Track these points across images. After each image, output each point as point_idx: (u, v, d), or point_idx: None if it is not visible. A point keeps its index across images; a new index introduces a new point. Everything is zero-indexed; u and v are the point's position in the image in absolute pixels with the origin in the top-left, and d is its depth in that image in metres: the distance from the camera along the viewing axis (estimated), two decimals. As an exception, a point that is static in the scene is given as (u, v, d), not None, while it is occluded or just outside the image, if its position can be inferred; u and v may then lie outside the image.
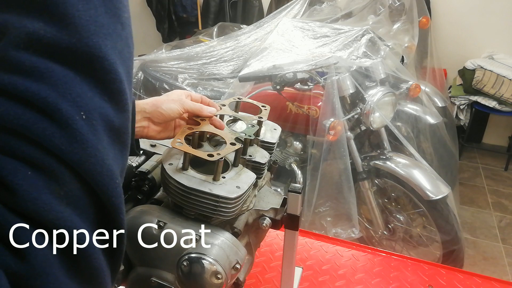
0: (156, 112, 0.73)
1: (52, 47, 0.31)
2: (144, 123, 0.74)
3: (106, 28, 0.34)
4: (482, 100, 3.25)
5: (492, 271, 2.37)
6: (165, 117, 0.74)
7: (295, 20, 2.33)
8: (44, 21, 0.31)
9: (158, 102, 0.74)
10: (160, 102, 0.74)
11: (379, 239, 2.09)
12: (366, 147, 2.17)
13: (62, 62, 0.31)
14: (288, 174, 2.11)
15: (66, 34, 0.31)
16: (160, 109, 0.73)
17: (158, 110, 0.73)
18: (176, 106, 0.74)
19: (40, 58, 0.31)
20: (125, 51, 0.38)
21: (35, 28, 0.31)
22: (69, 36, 0.32)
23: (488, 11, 3.39)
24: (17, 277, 0.29)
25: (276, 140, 0.86)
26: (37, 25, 0.31)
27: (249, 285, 1.00)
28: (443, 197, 1.82)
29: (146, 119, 0.74)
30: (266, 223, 0.75)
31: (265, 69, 1.92)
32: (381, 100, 1.91)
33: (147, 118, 0.74)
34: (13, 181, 0.29)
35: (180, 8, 4.22)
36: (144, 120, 0.74)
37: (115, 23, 0.36)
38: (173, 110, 0.73)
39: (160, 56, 2.61)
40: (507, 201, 3.03)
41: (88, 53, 0.32)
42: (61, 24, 0.31)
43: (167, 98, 0.75)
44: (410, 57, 2.45)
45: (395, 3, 2.61)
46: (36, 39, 0.31)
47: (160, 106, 0.73)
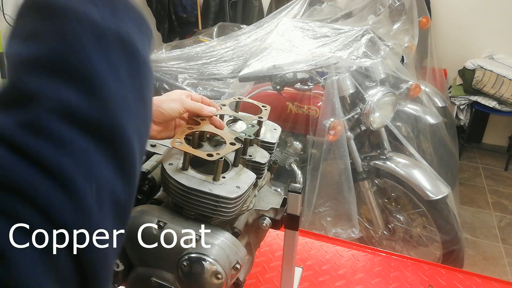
0: (157, 111, 0.73)
1: (80, 118, 0.32)
2: None
3: (131, 106, 0.36)
4: (482, 100, 3.25)
5: (492, 271, 2.37)
6: (166, 117, 0.74)
7: (295, 20, 2.33)
8: (76, 92, 0.32)
9: (158, 101, 0.74)
10: (160, 101, 0.74)
11: (379, 239, 2.09)
12: (366, 147, 2.17)
13: (86, 132, 0.33)
14: (288, 174, 2.11)
15: (95, 107, 0.33)
16: (161, 108, 0.72)
17: (159, 110, 0.73)
18: (176, 105, 0.73)
19: (67, 127, 0.32)
20: (143, 130, 0.40)
21: (67, 98, 0.32)
22: (97, 110, 0.33)
23: (488, 11, 3.39)
24: None
25: (276, 140, 0.85)
26: (69, 95, 0.32)
27: (249, 285, 1.00)
28: (443, 197, 1.82)
29: None
30: (266, 223, 0.75)
31: (265, 69, 1.92)
32: (381, 100, 1.91)
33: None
34: (8, 250, 0.28)
35: (180, 8, 4.22)
36: None
37: (139, 102, 0.38)
38: (173, 109, 0.73)
39: (160, 56, 2.61)
40: (507, 201, 3.03)
41: (111, 127, 0.34)
42: (92, 97, 0.33)
43: (167, 98, 0.75)
44: (410, 57, 2.45)
45: (395, 3, 2.61)
46: (66, 108, 0.32)
47: (160, 106, 0.73)
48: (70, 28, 0.34)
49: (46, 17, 0.35)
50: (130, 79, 0.36)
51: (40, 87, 0.32)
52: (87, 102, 0.33)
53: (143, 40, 0.39)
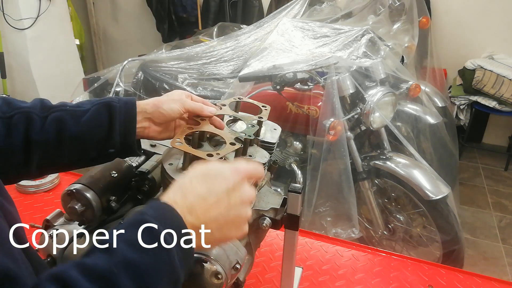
0: (157, 112, 0.73)
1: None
2: (145, 124, 0.74)
3: None
4: (482, 100, 3.25)
5: (492, 271, 2.37)
6: (166, 118, 0.74)
7: (295, 20, 2.33)
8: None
9: (159, 102, 0.74)
10: (161, 102, 0.74)
11: (379, 239, 2.09)
12: (366, 147, 2.17)
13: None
14: (288, 174, 2.11)
15: None
16: (161, 109, 0.73)
17: (159, 111, 0.73)
18: (177, 106, 0.74)
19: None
20: None
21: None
22: None
23: (488, 11, 3.39)
24: None
25: (276, 140, 0.85)
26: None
27: (249, 285, 1.00)
28: (443, 197, 1.82)
29: (147, 119, 0.74)
30: (266, 223, 0.75)
31: (265, 69, 1.91)
32: (381, 100, 1.91)
33: (148, 118, 0.74)
34: None
35: (180, 8, 4.22)
36: (145, 120, 0.74)
37: None
38: (173, 110, 0.73)
39: (160, 56, 2.61)
40: (507, 201, 3.03)
41: None
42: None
43: (167, 98, 0.75)
44: (410, 57, 2.46)
45: (395, 3, 2.61)
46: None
47: (161, 107, 0.73)
48: None
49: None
50: None
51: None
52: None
53: None
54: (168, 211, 0.51)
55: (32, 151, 0.66)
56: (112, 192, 0.75)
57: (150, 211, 0.51)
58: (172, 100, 0.75)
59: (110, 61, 4.90)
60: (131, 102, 0.73)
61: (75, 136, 0.69)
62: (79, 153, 0.71)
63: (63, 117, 0.69)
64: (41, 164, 0.68)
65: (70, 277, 0.42)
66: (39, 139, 0.67)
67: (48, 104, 0.71)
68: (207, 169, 0.57)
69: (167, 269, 0.48)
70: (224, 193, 0.54)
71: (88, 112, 0.71)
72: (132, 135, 0.72)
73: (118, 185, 0.77)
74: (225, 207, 0.54)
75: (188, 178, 0.56)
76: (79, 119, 0.70)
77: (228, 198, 0.54)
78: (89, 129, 0.70)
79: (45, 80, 3.45)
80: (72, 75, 3.53)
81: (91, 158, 0.72)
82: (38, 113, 0.68)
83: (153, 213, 0.50)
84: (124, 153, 0.75)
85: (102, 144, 0.71)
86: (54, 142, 0.68)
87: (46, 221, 0.77)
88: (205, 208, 0.53)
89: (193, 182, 0.55)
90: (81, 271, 0.43)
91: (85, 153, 0.71)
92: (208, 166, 0.57)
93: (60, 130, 0.68)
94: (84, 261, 0.45)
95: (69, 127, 0.69)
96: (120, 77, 2.44)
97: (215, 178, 0.55)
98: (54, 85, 3.47)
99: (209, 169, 0.57)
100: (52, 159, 0.70)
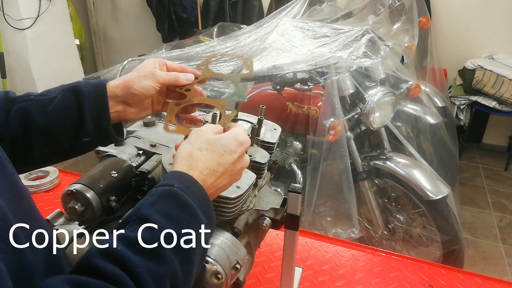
0: (129, 94, 0.68)
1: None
2: (119, 108, 0.69)
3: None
4: (482, 100, 3.25)
5: (492, 271, 2.37)
6: (140, 98, 0.69)
7: (295, 20, 2.33)
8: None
9: (129, 82, 0.68)
10: (131, 82, 0.68)
11: (379, 239, 2.09)
12: (366, 147, 2.17)
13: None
14: (288, 174, 2.11)
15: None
16: (132, 89, 0.68)
17: (131, 91, 0.68)
18: (149, 82, 0.68)
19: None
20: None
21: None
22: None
23: (488, 11, 3.39)
24: None
25: (276, 140, 0.85)
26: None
27: (249, 285, 1.00)
28: (443, 197, 1.82)
29: (120, 103, 0.69)
30: (266, 223, 0.75)
31: (265, 69, 1.91)
32: (381, 100, 1.91)
33: (120, 102, 0.69)
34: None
35: (180, 8, 4.22)
36: (118, 104, 0.69)
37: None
38: (146, 88, 0.68)
39: (160, 56, 2.61)
40: (507, 201, 3.03)
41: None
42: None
43: (138, 75, 0.69)
44: (410, 57, 2.45)
45: (395, 3, 2.61)
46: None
47: (131, 87, 0.68)
48: None
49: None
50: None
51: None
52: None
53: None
54: (193, 184, 0.56)
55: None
56: (112, 192, 0.75)
57: (177, 182, 0.54)
58: (143, 76, 0.69)
59: (110, 61, 4.90)
60: (100, 84, 0.68)
61: (43, 127, 0.64)
62: (50, 146, 0.66)
63: (28, 108, 0.65)
64: (12, 161, 0.60)
65: (119, 252, 0.46)
66: (5, 135, 0.63)
67: (12, 96, 0.67)
68: (214, 140, 0.60)
69: (199, 242, 0.53)
70: (230, 164, 0.60)
71: (55, 100, 0.66)
72: (106, 121, 0.67)
73: (118, 185, 0.77)
74: (230, 175, 0.61)
75: (197, 148, 0.59)
76: (45, 109, 0.65)
77: (233, 168, 0.60)
78: (57, 118, 0.65)
79: (45, 80, 3.45)
80: (72, 75, 3.53)
81: (65, 149, 0.68)
82: (3, 107, 0.64)
83: (181, 186, 0.54)
84: (102, 141, 0.71)
85: (74, 133, 0.66)
86: (21, 137, 0.64)
87: (46, 221, 0.77)
88: (215, 179, 0.58)
89: (203, 153, 0.58)
90: (127, 244, 0.47)
91: (58, 145, 0.67)
92: (214, 137, 0.60)
93: (26, 123, 0.64)
94: (127, 234, 0.48)
95: (34, 118, 0.64)
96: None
97: (223, 151, 0.59)
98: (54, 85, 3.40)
99: (216, 140, 0.60)
100: (23, 155, 0.65)
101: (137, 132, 0.89)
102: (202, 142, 0.59)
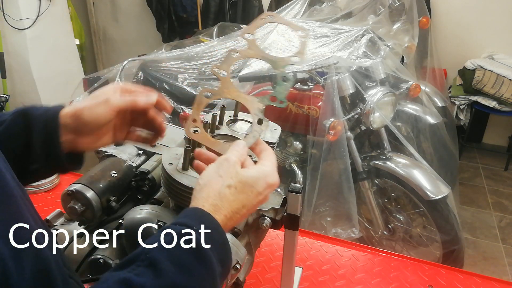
0: (80, 123, 0.63)
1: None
2: (70, 137, 0.63)
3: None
4: (482, 100, 3.25)
5: (492, 271, 2.37)
6: (93, 126, 0.64)
7: (295, 20, 2.33)
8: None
9: (80, 111, 0.63)
10: (82, 110, 0.63)
11: (379, 239, 2.09)
12: (366, 147, 2.17)
13: None
14: (288, 174, 2.11)
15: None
16: (83, 118, 0.63)
17: (82, 120, 0.63)
18: (102, 110, 0.63)
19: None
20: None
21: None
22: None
23: (488, 11, 3.39)
24: None
25: (276, 140, 0.85)
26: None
27: (249, 285, 1.00)
28: (443, 197, 1.82)
29: (71, 132, 0.63)
30: (266, 223, 0.75)
31: (265, 69, 1.91)
32: (381, 100, 1.91)
33: (71, 131, 0.63)
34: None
35: (180, 8, 4.22)
36: (69, 133, 0.63)
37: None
38: (99, 116, 0.63)
39: (160, 56, 2.61)
40: (507, 201, 3.03)
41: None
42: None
43: (90, 103, 0.64)
44: (410, 57, 2.45)
45: (395, 3, 2.61)
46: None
47: (82, 116, 0.63)
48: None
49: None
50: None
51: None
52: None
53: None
54: (216, 229, 0.53)
55: None
56: (112, 192, 0.75)
57: (199, 225, 0.51)
58: (96, 104, 0.64)
59: (110, 61, 4.90)
60: (53, 110, 0.63)
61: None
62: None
63: None
64: None
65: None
66: None
67: None
68: (244, 179, 0.57)
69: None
70: (253, 205, 0.58)
71: (5, 123, 0.61)
72: (56, 148, 0.62)
73: (118, 185, 0.77)
74: (247, 213, 0.59)
75: (227, 185, 0.56)
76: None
77: (253, 207, 0.59)
78: (4, 142, 0.59)
79: (45, 80, 3.45)
80: (72, 75, 3.52)
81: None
82: None
83: (202, 231, 0.51)
84: (54, 169, 0.66)
85: (21, 159, 0.60)
86: None
87: (46, 221, 0.77)
88: (235, 220, 0.57)
89: (231, 192, 0.56)
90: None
91: None
92: (245, 175, 0.57)
93: None
94: (130, 278, 0.45)
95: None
96: (120, 77, 2.44)
97: (250, 193, 0.57)
98: (54, 85, 3.46)
99: (246, 179, 0.57)
100: None
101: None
102: (233, 178, 0.57)
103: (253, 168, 0.60)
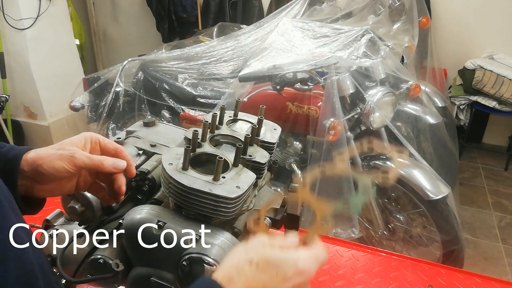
0: (36, 172, 0.61)
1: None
2: (26, 182, 0.62)
3: None
4: (482, 100, 3.25)
5: (492, 271, 2.37)
6: (49, 178, 0.62)
7: (295, 20, 2.33)
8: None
9: (40, 160, 0.61)
10: (41, 159, 0.61)
11: (379, 239, 2.09)
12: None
13: None
14: (288, 174, 2.11)
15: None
16: (41, 168, 0.61)
17: (39, 170, 0.61)
18: (62, 164, 0.61)
19: None
20: None
21: None
22: None
23: (488, 11, 3.39)
24: None
25: (276, 140, 0.85)
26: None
27: (249, 285, 1.00)
28: (443, 197, 1.82)
29: (28, 178, 0.62)
30: (266, 223, 0.75)
31: (265, 69, 1.91)
32: (381, 100, 1.91)
33: (28, 177, 0.62)
34: None
35: (180, 8, 4.22)
36: (25, 179, 0.62)
37: None
38: (57, 169, 0.61)
39: (160, 56, 2.61)
40: (507, 201, 3.03)
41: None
42: None
43: (54, 153, 0.62)
44: (410, 57, 2.46)
45: (395, 3, 2.61)
46: None
47: (40, 165, 0.61)
48: None
49: None
50: None
51: None
52: None
53: None
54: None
55: None
56: (112, 192, 0.75)
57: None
58: (59, 157, 0.61)
59: (110, 61, 4.90)
60: (16, 151, 0.61)
61: None
62: None
63: None
64: None
65: None
66: None
67: None
68: (270, 257, 0.51)
69: None
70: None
71: None
72: (12, 189, 0.58)
73: (118, 185, 0.76)
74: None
75: (248, 260, 0.51)
76: None
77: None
78: None
79: (45, 80, 3.45)
80: (72, 75, 3.53)
81: None
82: None
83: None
84: None
85: None
86: None
87: (46, 221, 0.77)
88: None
89: (251, 269, 0.50)
90: None
91: None
92: (273, 254, 0.52)
93: None
94: None
95: None
96: (120, 77, 2.44)
97: (275, 274, 0.51)
98: (54, 85, 3.47)
99: (272, 258, 0.51)
100: None
101: (137, 132, 0.89)
102: (257, 254, 0.52)
103: (284, 250, 0.54)
